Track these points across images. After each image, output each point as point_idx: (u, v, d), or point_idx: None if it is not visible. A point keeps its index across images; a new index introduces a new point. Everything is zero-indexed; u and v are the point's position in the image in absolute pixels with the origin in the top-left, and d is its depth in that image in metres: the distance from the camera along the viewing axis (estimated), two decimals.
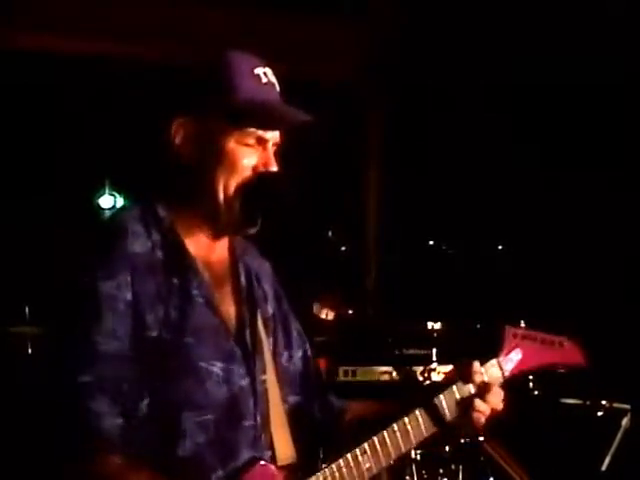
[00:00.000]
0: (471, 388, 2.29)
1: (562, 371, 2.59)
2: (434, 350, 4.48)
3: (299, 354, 2.31)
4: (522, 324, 2.49)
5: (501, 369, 2.39)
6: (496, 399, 2.29)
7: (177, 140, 2.08)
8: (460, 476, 4.29)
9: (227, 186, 2.09)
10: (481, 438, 4.12)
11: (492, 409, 2.28)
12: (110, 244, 2.01)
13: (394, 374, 4.46)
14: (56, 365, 1.94)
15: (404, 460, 4.16)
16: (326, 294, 4.35)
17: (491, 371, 2.37)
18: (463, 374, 2.31)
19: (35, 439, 1.94)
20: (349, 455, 2.12)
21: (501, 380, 2.38)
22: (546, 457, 4.51)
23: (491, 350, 2.44)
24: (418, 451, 4.15)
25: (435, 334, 4.51)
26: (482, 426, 2.28)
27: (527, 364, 2.43)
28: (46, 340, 2.02)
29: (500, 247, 6.13)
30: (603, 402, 4.65)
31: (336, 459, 2.11)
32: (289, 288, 2.38)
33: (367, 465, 2.13)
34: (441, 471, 4.26)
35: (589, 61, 5.90)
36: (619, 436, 4.55)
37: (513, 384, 2.47)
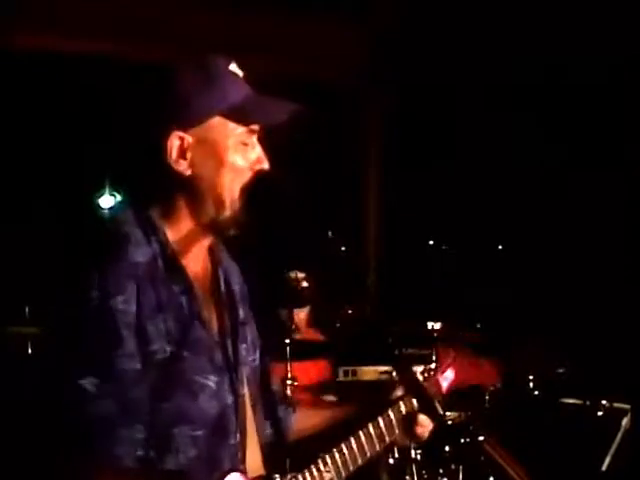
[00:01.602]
0: (415, 403, 2.39)
1: (561, 371, 2.68)
2: (434, 350, 4.47)
3: (252, 358, 2.28)
4: (451, 347, 2.66)
5: (439, 386, 2.53)
6: (437, 414, 2.39)
7: (175, 154, 2.04)
8: (460, 476, 4.28)
9: (232, 191, 2.08)
10: (481, 438, 4.13)
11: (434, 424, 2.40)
12: (114, 254, 1.97)
13: (394, 374, 4.46)
14: (64, 385, 1.91)
15: (404, 460, 4.16)
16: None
17: (431, 388, 2.49)
18: (409, 389, 2.40)
19: (35, 439, 1.93)
20: (312, 466, 2.18)
21: (440, 397, 2.50)
22: (546, 457, 4.51)
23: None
24: (418, 451, 4.15)
25: (435, 334, 4.51)
26: (425, 439, 2.40)
27: (457, 381, 2.59)
28: (54, 356, 1.97)
29: (500, 247, 6.13)
30: (603, 402, 4.65)
31: (300, 471, 2.16)
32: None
33: (329, 476, 2.19)
34: (441, 471, 4.25)
35: (589, 61, 5.91)
36: (619, 436, 4.54)
37: (512, 384, 2.53)
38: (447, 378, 2.55)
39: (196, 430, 2.00)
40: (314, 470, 2.17)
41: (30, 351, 4.49)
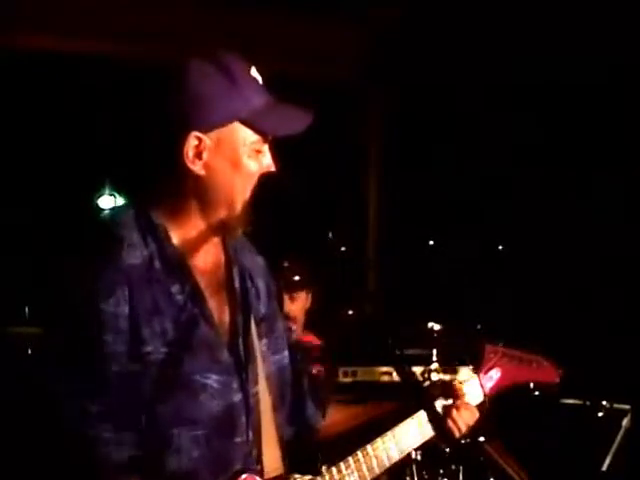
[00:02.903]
0: (450, 405, 2.34)
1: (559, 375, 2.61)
2: (434, 350, 4.48)
3: (278, 356, 2.28)
4: (500, 344, 2.52)
5: (482, 387, 2.45)
6: (472, 417, 2.34)
7: (191, 154, 2.03)
8: (460, 476, 4.28)
9: (244, 194, 2.08)
10: (481, 438, 4.12)
11: (467, 426, 2.34)
12: (106, 257, 1.98)
13: (394, 374, 4.45)
14: (60, 392, 1.92)
15: (404, 460, 4.15)
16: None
17: (472, 389, 2.42)
18: (444, 391, 2.35)
19: (34, 440, 1.93)
20: (334, 468, 2.16)
21: (482, 398, 2.44)
22: (546, 457, 4.51)
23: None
24: (418, 451, 4.15)
25: (435, 334, 4.50)
26: (456, 441, 2.33)
27: (506, 382, 2.49)
28: (46, 363, 1.98)
29: (500, 247, 6.13)
30: (603, 402, 4.65)
31: (322, 472, 2.15)
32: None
33: (352, 478, 2.17)
34: (441, 471, 4.25)
35: (589, 61, 5.90)
36: (619, 436, 4.55)
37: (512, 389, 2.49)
38: (492, 378, 2.45)
39: (197, 430, 1.99)
40: (335, 473, 2.15)
41: (30, 351, 4.49)
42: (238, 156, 2.06)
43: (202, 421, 2.00)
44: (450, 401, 2.33)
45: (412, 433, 2.29)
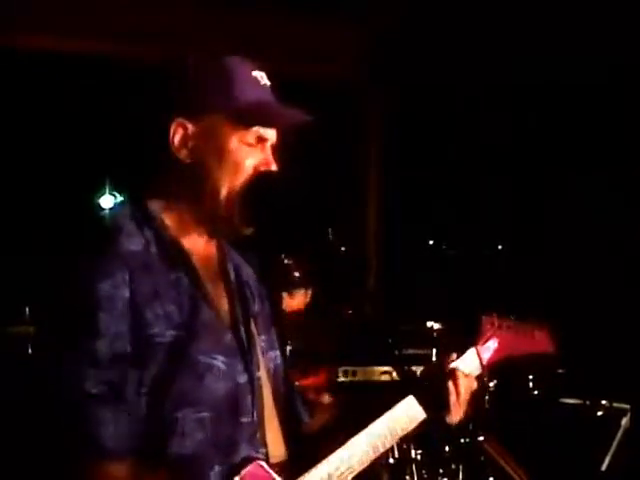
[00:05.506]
0: (449, 382, 2.30)
1: (560, 371, 2.61)
2: (434, 350, 4.48)
3: (274, 354, 2.28)
4: (495, 314, 2.52)
5: (479, 357, 2.43)
6: (470, 388, 2.31)
7: (176, 140, 2.04)
8: (460, 476, 4.29)
9: (230, 187, 2.07)
10: (481, 438, 4.13)
11: (468, 402, 2.30)
12: (105, 243, 1.99)
13: (394, 374, 4.46)
14: (57, 374, 1.92)
15: (404, 460, 4.16)
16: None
17: (470, 360, 2.40)
18: (442, 367, 2.33)
19: (35, 441, 1.94)
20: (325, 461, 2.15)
21: (480, 369, 2.42)
22: (546, 457, 4.51)
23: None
24: (418, 451, 4.15)
25: (435, 334, 4.51)
26: (457, 420, 2.29)
27: (503, 352, 2.48)
28: (45, 346, 1.99)
29: (500, 247, 6.14)
30: (603, 402, 4.66)
31: (320, 460, 2.14)
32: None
33: (344, 467, 2.15)
34: (441, 471, 4.26)
35: (589, 61, 5.91)
36: (619, 436, 4.55)
37: (512, 383, 2.49)
38: (490, 348, 2.43)
39: (202, 412, 1.98)
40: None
41: (30, 351, 4.49)
42: (226, 147, 2.06)
43: (207, 403, 1.99)
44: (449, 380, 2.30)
45: (405, 415, 2.27)
